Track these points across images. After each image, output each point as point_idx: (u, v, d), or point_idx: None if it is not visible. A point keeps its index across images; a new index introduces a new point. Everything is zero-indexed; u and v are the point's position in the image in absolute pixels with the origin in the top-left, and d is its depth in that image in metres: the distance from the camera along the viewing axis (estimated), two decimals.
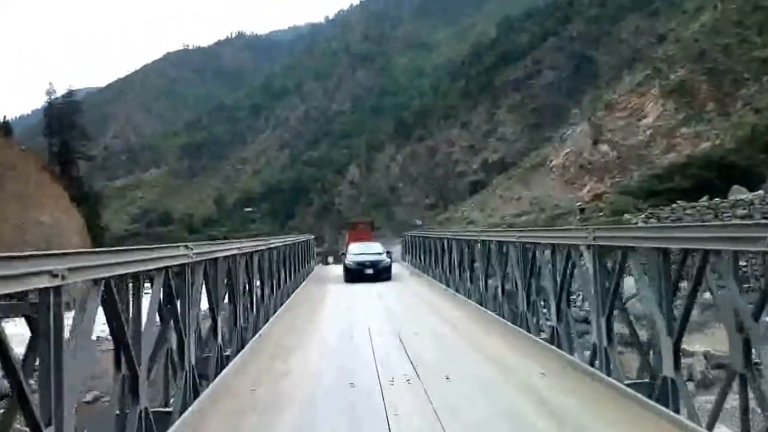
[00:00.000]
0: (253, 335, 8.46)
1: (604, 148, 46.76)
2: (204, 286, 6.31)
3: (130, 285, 4.39)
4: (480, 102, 77.36)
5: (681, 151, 41.50)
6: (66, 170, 50.13)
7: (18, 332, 3.61)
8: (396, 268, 21.03)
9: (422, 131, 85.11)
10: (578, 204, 38.17)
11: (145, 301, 4.71)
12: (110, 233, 76.26)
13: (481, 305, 10.68)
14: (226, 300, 7.69)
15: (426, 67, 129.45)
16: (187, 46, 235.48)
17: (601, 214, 34.22)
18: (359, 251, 19.80)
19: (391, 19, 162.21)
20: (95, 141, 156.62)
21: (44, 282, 3.00)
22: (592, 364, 5.74)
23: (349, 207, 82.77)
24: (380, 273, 18.53)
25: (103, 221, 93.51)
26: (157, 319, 5.00)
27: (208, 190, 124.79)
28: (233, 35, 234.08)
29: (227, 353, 7.05)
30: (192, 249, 5.65)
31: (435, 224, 51.52)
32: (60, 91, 75.87)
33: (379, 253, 19.74)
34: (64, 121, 51.63)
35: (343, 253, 21.83)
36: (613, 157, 45.59)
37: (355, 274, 18.34)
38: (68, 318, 3.33)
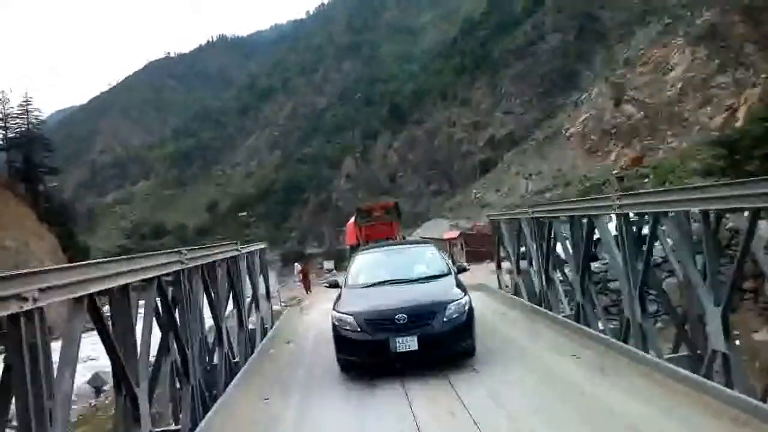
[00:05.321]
0: None
1: (629, 108, 41.72)
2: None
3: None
4: (478, 76, 71.92)
5: (720, 103, 36.47)
6: (31, 187, 44.91)
7: None
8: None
9: (419, 114, 79.77)
10: (615, 172, 33.07)
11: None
12: (99, 251, 71.32)
13: None
14: None
15: (415, 52, 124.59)
16: (169, 53, 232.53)
17: (646, 180, 28.99)
18: (379, 276, 6.86)
19: (374, 7, 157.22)
20: (83, 159, 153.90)
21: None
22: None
23: (347, 202, 77.72)
24: (441, 343, 5.73)
25: (94, 239, 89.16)
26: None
27: (201, 198, 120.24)
28: (215, 39, 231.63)
29: None
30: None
31: (445, 212, 46.47)
32: (15, 101, 70.55)
33: (436, 277, 6.66)
34: (23, 134, 46.25)
35: (329, 285, 7.39)
36: (640, 118, 40.50)
37: (369, 353, 5.84)
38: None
